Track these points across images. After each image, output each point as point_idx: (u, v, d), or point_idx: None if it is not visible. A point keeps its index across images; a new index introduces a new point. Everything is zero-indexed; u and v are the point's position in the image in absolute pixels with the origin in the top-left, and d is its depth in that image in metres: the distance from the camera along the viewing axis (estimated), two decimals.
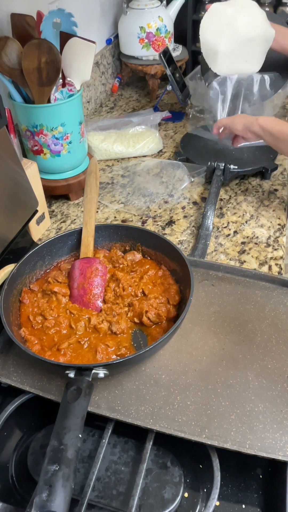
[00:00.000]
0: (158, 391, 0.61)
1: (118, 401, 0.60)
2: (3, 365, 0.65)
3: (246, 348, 0.67)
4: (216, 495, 0.52)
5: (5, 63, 0.86)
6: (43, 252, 0.76)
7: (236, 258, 0.89)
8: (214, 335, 0.69)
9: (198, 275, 0.78)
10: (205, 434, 0.56)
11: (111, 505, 0.54)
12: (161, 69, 1.44)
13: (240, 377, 0.63)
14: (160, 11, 1.38)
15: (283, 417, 0.58)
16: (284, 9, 1.52)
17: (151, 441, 0.57)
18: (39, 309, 0.71)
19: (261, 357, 0.65)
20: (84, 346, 0.66)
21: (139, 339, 0.68)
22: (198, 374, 0.63)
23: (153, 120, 1.26)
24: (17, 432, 0.63)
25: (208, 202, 0.98)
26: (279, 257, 0.88)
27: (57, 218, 1.03)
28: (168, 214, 1.01)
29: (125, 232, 0.80)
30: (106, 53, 1.50)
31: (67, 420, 0.51)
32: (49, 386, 0.62)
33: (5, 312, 0.64)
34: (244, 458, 0.56)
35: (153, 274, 0.76)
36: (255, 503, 0.55)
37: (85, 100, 1.41)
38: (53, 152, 0.98)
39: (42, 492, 0.44)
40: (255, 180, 1.11)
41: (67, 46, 0.89)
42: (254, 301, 0.74)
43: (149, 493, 0.54)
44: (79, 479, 0.56)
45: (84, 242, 0.77)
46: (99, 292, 0.73)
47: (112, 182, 1.13)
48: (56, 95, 0.93)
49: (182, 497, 0.55)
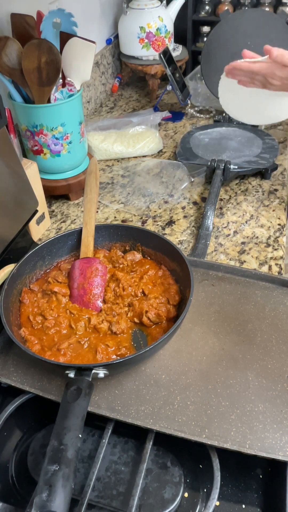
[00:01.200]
0: (158, 391, 0.61)
1: (118, 401, 0.60)
2: (3, 365, 0.65)
3: (246, 348, 0.67)
4: (216, 495, 0.52)
5: (5, 63, 0.86)
6: (43, 252, 0.76)
7: (236, 258, 0.89)
8: (214, 335, 0.69)
9: (198, 275, 0.78)
10: (205, 434, 0.56)
11: (111, 505, 0.54)
12: (161, 69, 1.44)
13: (240, 377, 0.63)
14: (160, 11, 1.38)
15: (283, 417, 0.58)
16: (284, 9, 1.53)
17: (151, 441, 0.57)
18: (39, 309, 0.71)
19: (261, 357, 0.65)
20: (84, 346, 0.66)
21: (139, 339, 0.68)
22: (198, 374, 0.63)
23: (153, 120, 1.26)
24: (17, 432, 0.63)
25: (208, 202, 0.98)
26: (279, 257, 0.88)
27: (57, 218, 1.03)
28: (168, 214, 1.01)
29: (125, 232, 0.80)
30: (106, 53, 1.50)
31: (67, 420, 0.51)
32: (49, 386, 0.62)
33: (5, 312, 0.64)
34: (244, 458, 0.56)
35: (153, 274, 0.76)
36: (255, 503, 0.55)
37: (85, 100, 1.41)
38: (53, 152, 0.98)
39: (42, 492, 0.44)
40: (255, 180, 1.11)
41: (67, 46, 0.89)
42: (254, 301, 0.74)
43: (149, 493, 0.54)
44: (79, 479, 0.56)
45: (84, 242, 0.77)
46: (99, 292, 0.73)
47: (112, 182, 1.13)
48: (56, 95, 0.93)
49: (182, 497, 0.55)
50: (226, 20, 1.21)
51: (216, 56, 1.23)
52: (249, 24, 1.19)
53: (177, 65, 1.34)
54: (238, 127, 1.22)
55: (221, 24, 1.22)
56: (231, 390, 0.61)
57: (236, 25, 1.20)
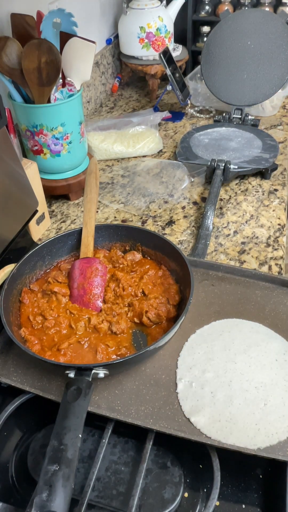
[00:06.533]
0: (158, 391, 0.61)
1: (118, 401, 0.60)
2: (3, 365, 0.65)
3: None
4: (216, 495, 0.52)
5: (5, 63, 0.86)
6: (43, 252, 0.76)
7: (236, 258, 0.89)
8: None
9: (198, 275, 0.78)
10: (205, 434, 0.56)
11: (111, 505, 0.54)
12: (161, 69, 1.44)
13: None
14: (160, 11, 1.38)
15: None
16: (284, 9, 1.53)
17: (151, 441, 0.57)
18: (39, 309, 0.71)
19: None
20: (84, 346, 0.66)
21: (139, 339, 0.68)
22: None
23: (153, 120, 1.26)
24: (17, 432, 0.63)
25: (208, 202, 0.98)
26: (279, 257, 0.88)
27: (57, 218, 1.03)
28: (168, 214, 1.01)
29: (125, 232, 0.80)
30: (106, 53, 1.50)
31: (67, 420, 0.51)
32: (49, 386, 0.62)
33: (5, 312, 0.64)
34: (244, 458, 0.56)
35: (153, 274, 0.76)
36: (255, 503, 0.55)
37: (85, 100, 1.41)
38: (53, 152, 0.98)
39: (42, 492, 0.44)
40: (255, 180, 1.11)
41: (67, 46, 0.89)
42: (254, 301, 0.74)
43: (149, 493, 0.54)
44: (79, 479, 0.56)
45: (84, 242, 0.77)
46: (99, 292, 0.73)
47: (112, 182, 1.13)
48: (56, 95, 0.93)
49: (182, 497, 0.55)
50: (226, 20, 1.21)
51: (216, 56, 1.23)
52: (249, 24, 1.19)
53: (177, 65, 1.34)
54: (238, 127, 1.23)
55: (221, 24, 1.22)
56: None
57: (236, 25, 1.20)
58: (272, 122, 1.36)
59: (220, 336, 0.67)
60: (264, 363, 0.63)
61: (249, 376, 0.61)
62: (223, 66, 1.24)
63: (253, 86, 1.22)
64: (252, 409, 0.58)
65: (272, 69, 1.19)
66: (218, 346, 0.66)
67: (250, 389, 0.59)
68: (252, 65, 1.20)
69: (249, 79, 1.21)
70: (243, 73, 1.22)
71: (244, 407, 0.58)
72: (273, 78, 1.19)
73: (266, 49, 1.19)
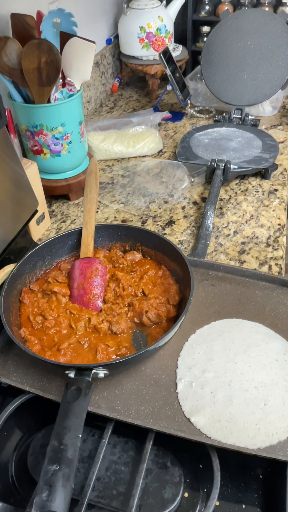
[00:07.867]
0: (158, 391, 0.61)
1: (118, 401, 0.60)
2: (3, 365, 0.65)
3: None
4: (216, 495, 0.52)
5: (5, 63, 0.86)
6: (43, 252, 0.76)
7: (236, 258, 0.89)
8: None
9: (198, 275, 0.78)
10: (205, 434, 0.56)
11: (111, 505, 0.54)
12: (161, 69, 1.44)
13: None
14: (160, 11, 1.38)
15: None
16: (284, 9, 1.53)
17: (151, 441, 0.57)
18: (39, 309, 0.71)
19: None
20: (84, 346, 0.66)
21: (139, 339, 0.68)
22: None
23: (153, 120, 1.26)
24: (17, 432, 0.63)
25: (208, 202, 0.98)
26: (279, 257, 0.88)
27: (57, 218, 1.03)
28: (168, 214, 1.01)
29: (125, 232, 0.80)
30: (106, 53, 1.50)
31: (67, 420, 0.51)
32: (49, 386, 0.62)
33: (5, 312, 0.64)
34: (244, 458, 0.56)
35: (153, 274, 0.76)
36: (255, 503, 0.55)
37: (85, 100, 1.41)
38: (53, 152, 0.98)
39: (42, 492, 0.44)
40: (255, 180, 1.11)
41: (67, 46, 0.89)
42: (254, 301, 0.74)
43: (149, 493, 0.54)
44: (79, 479, 0.56)
45: (84, 242, 0.77)
46: (99, 292, 0.73)
47: (112, 182, 1.13)
48: (56, 95, 0.93)
49: (182, 497, 0.55)
50: (226, 20, 1.21)
51: (216, 56, 1.23)
52: (249, 24, 1.19)
53: (177, 65, 1.34)
54: (238, 127, 1.23)
55: (221, 24, 1.22)
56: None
57: (236, 25, 1.20)
58: (272, 122, 1.36)
59: (220, 336, 0.67)
60: (264, 363, 0.63)
61: (249, 376, 0.61)
62: (223, 66, 1.24)
63: (253, 86, 1.22)
64: (252, 409, 0.58)
65: (272, 69, 1.19)
66: (218, 346, 0.66)
67: (250, 389, 0.59)
68: (252, 65, 1.20)
69: (249, 79, 1.21)
70: (243, 73, 1.22)
71: (244, 407, 0.58)
72: (273, 78, 1.19)
73: (266, 49, 1.19)
